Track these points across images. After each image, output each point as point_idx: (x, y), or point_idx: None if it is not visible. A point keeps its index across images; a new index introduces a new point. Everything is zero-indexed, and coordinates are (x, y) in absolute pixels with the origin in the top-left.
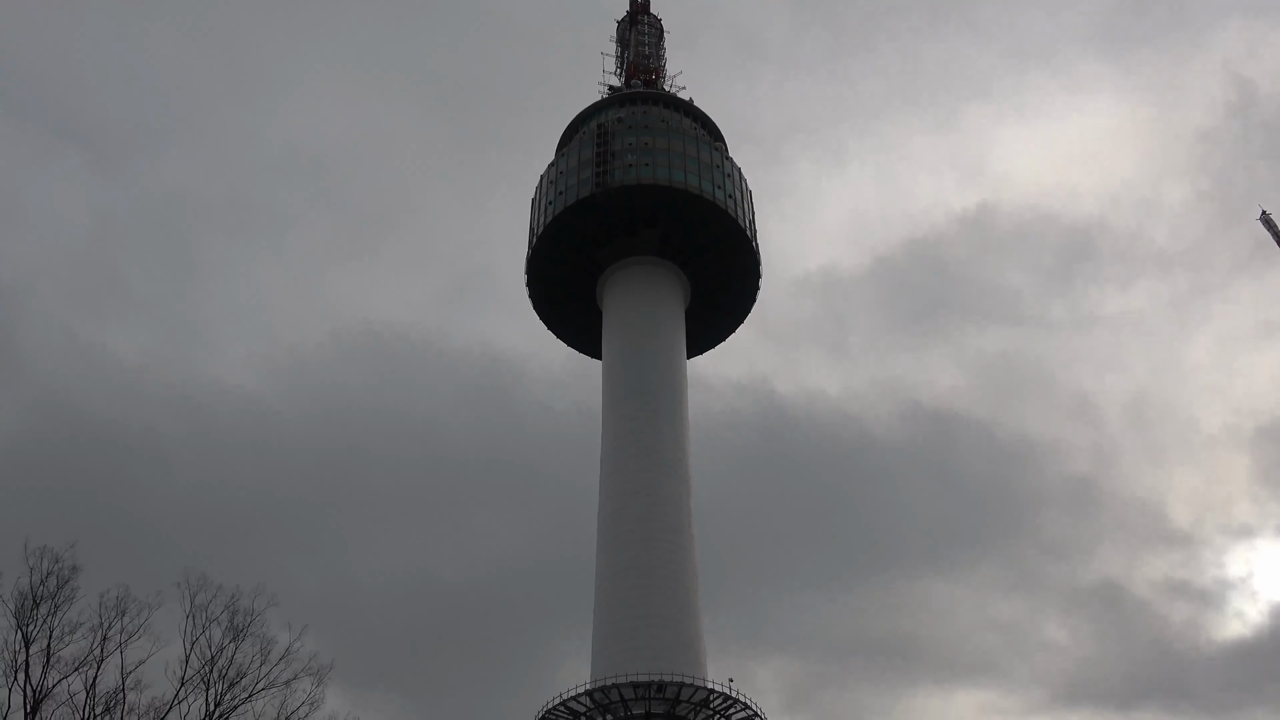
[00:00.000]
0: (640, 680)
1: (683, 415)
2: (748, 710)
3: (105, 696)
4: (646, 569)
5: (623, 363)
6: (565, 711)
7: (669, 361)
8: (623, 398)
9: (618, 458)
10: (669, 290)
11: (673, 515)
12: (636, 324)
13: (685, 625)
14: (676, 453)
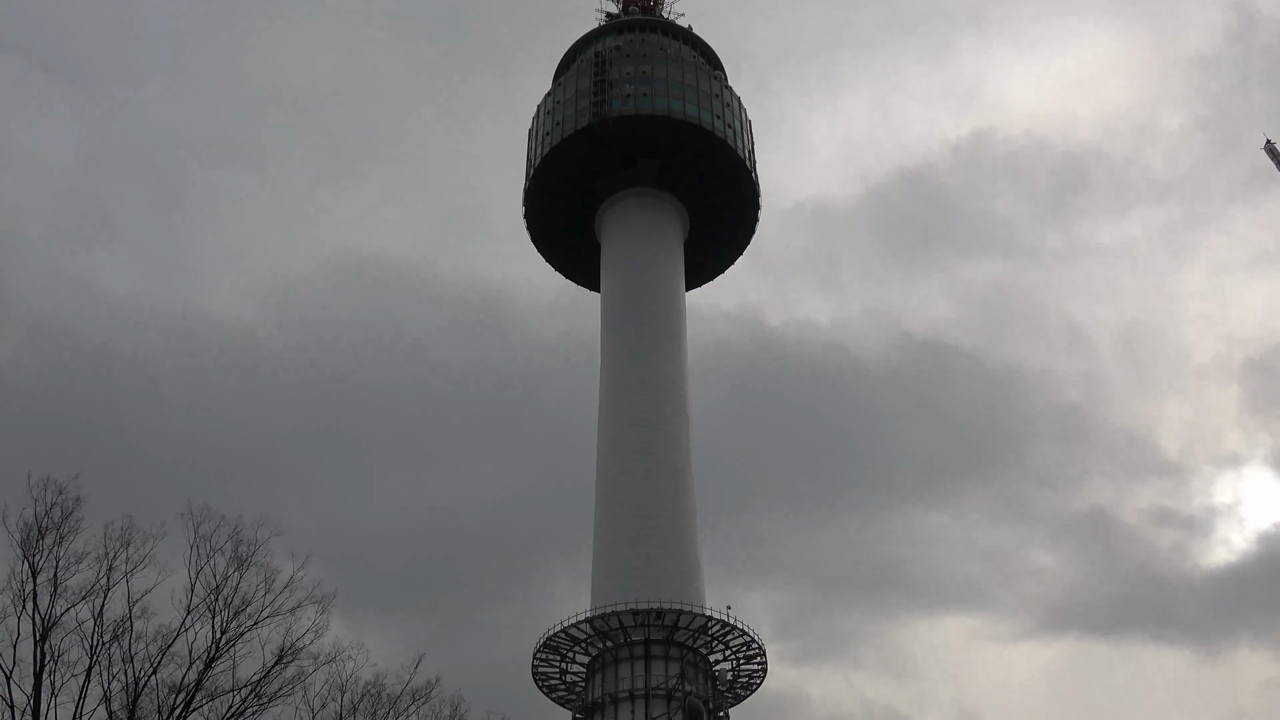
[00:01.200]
0: (640, 608)
1: (681, 347)
2: (745, 636)
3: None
4: (645, 499)
5: (621, 295)
6: (566, 638)
7: (668, 293)
8: (621, 329)
9: (616, 389)
10: (668, 222)
11: (672, 446)
12: (635, 256)
13: (684, 554)
14: (675, 384)
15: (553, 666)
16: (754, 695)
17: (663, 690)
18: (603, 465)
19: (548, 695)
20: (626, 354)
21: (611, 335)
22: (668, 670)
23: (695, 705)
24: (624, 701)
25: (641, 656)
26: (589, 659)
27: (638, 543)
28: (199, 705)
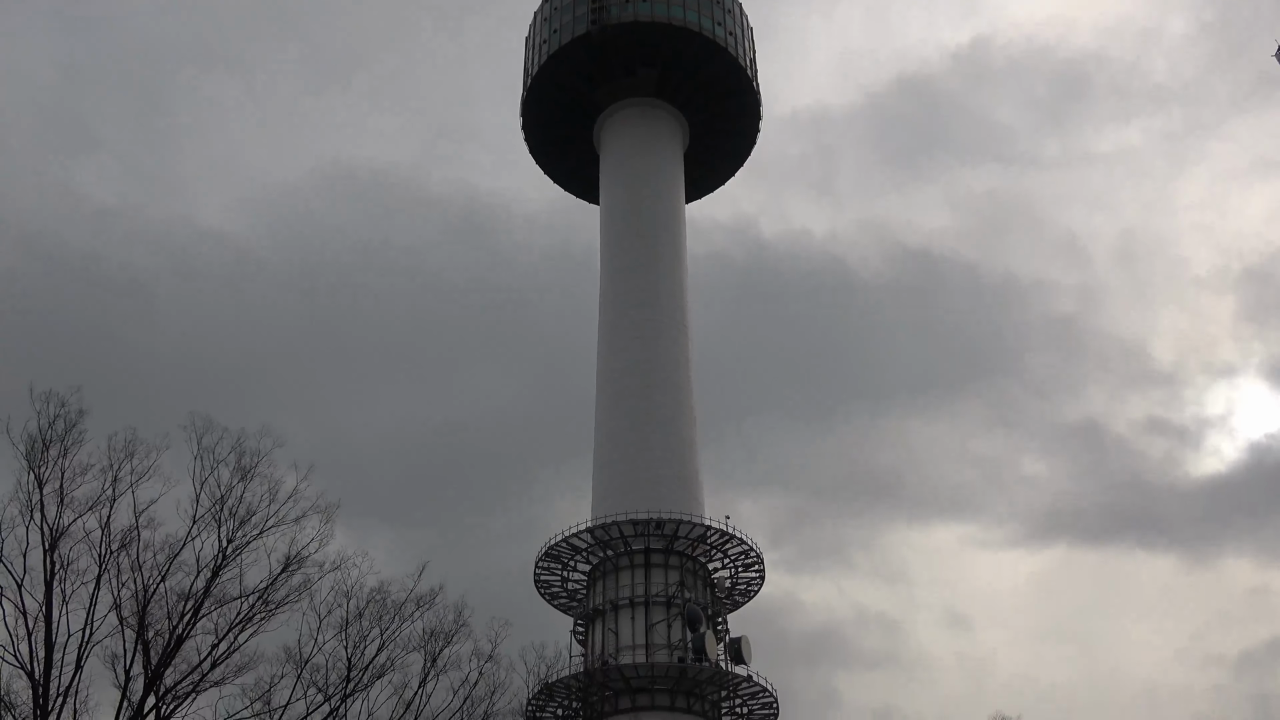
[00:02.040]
0: (639, 518)
1: (681, 259)
2: (743, 545)
3: (120, 534)
4: (645, 411)
5: (621, 206)
6: (567, 547)
7: (668, 206)
8: (621, 241)
9: (615, 301)
10: (668, 133)
11: (671, 358)
12: (635, 167)
13: (683, 465)
14: (674, 297)
15: (554, 575)
16: (750, 602)
17: (662, 597)
18: (602, 377)
19: (550, 603)
20: (626, 266)
21: (611, 247)
22: (667, 578)
23: (694, 612)
24: (624, 608)
25: (641, 565)
26: (590, 568)
27: (637, 454)
28: (208, 612)
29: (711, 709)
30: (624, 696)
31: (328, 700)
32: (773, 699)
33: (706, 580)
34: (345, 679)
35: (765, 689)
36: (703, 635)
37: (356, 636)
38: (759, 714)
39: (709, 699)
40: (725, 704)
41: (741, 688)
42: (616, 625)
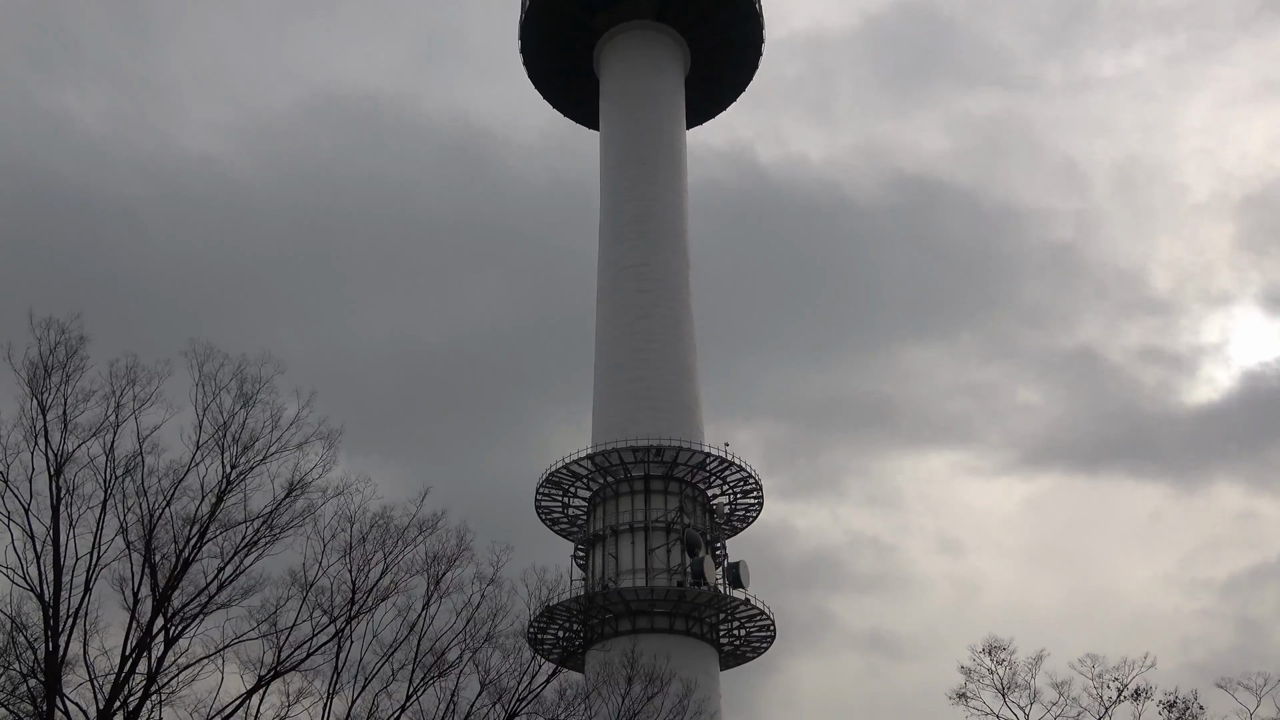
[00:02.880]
0: (640, 445)
1: (681, 186)
2: (742, 472)
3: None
4: (645, 338)
5: (621, 132)
6: (568, 474)
7: (668, 131)
8: (621, 167)
9: (616, 227)
10: (668, 58)
11: (671, 285)
12: (635, 92)
13: (682, 393)
14: (675, 224)
15: (555, 501)
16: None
17: (662, 523)
18: (602, 305)
19: (550, 528)
20: (626, 193)
21: (610, 173)
22: (666, 504)
23: (693, 537)
24: (624, 534)
25: (641, 491)
26: (590, 494)
27: (637, 382)
28: (213, 536)
29: (710, 631)
30: (624, 619)
31: (333, 622)
32: (770, 621)
33: (705, 506)
34: (350, 602)
35: (762, 612)
36: (701, 560)
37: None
38: (756, 636)
39: (707, 622)
40: (723, 626)
41: (739, 610)
42: (617, 550)
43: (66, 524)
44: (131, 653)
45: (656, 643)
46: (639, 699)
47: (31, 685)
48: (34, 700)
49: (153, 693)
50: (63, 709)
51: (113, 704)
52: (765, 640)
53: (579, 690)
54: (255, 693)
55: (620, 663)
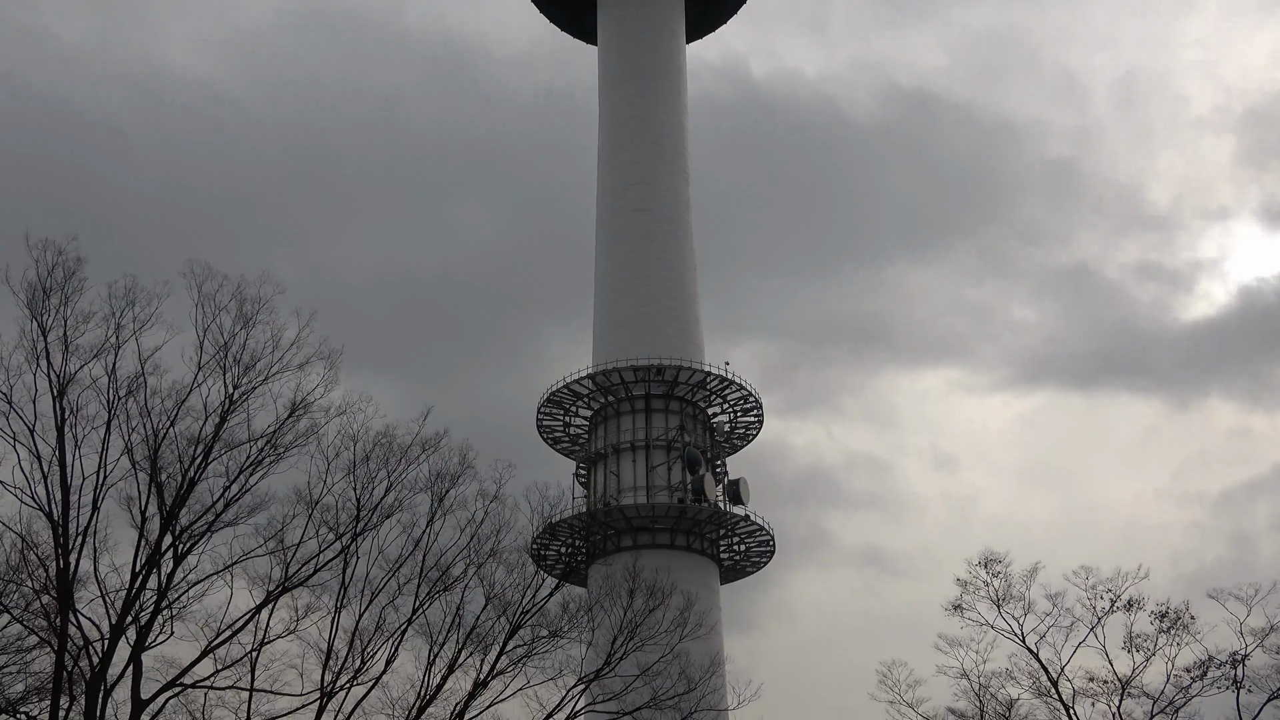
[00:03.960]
0: (640, 364)
1: (682, 102)
2: (743, 390)
3: (127, 380)
4: (646, 256)
5: (621, 46)
6: (569, 393)
7: (668, 46)
8: (621, 83)
9: (616, 144)
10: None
11: (672, 203)
12: (635, 5)
13: (683, 312)
14: (676, 140)
15: (556, 420)
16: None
17: (663, 441)
18: (602, 225)
19: (552, 447)
20: (626, 109)
21: (610, 89)
22: (667, 423)
23: (694, 455)
24: (625, 452)
25: (642, 410)
26: (591, 413)
27: (638, 301)
28: (217, 456)
29: (710, 547)
30: (625, 535)
31: (339, 539)
32: (769, 537)
33: (706, 424)
34: (355, 519)
35: (762, 528)
36: (702, 477)
37: (364, 478)
38: (756, 551)
39: (708, 537)
40: (724, 542)
41: (739, 526)
42: (618, 468)
43: (72, 444)
44: (141, 570)
45: (658, 558)
46: (640, 611)
47: (44, 601)
48: (48, 616)
49: (163, 608)
50: (76, 624)
51: (124, 619)
52: (765, 555)
53: (582, 604)
54: (264, 607)
55: (622, 577)
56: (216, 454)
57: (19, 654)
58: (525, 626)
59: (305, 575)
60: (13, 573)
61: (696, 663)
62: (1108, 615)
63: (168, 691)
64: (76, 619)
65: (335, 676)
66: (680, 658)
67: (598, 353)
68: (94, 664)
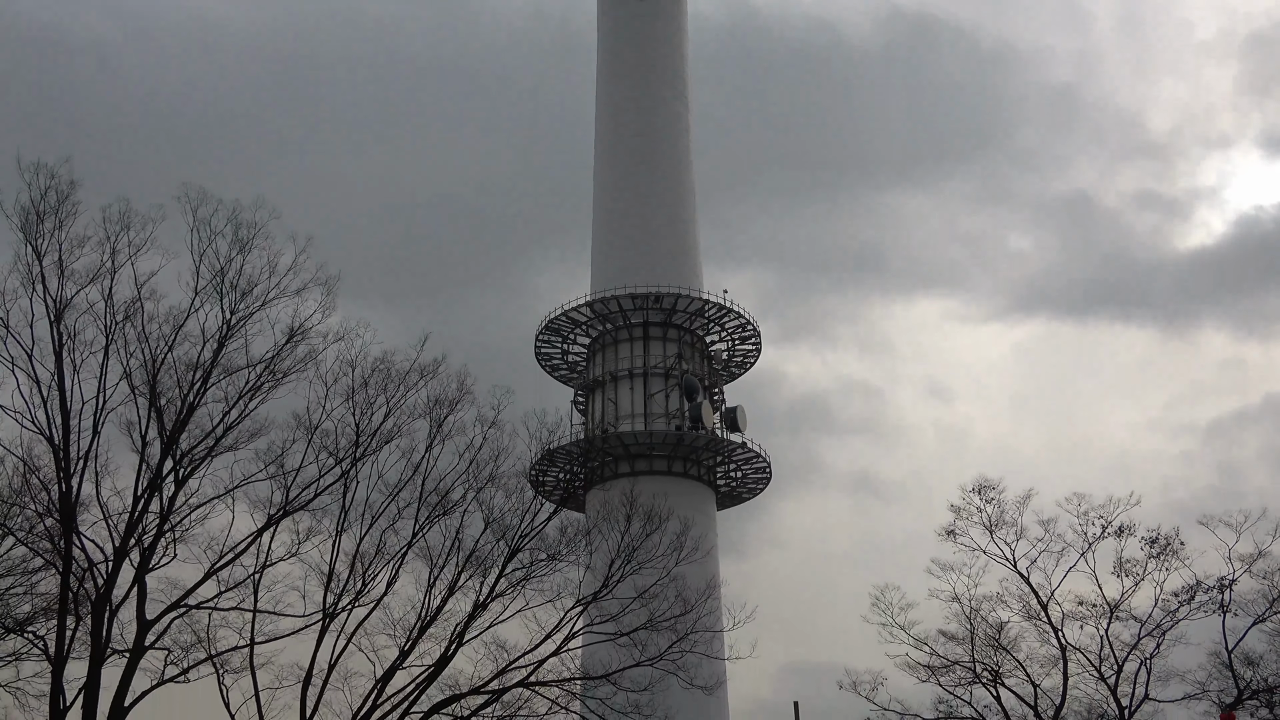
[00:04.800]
0: (638, 292)
1: (682, 24)
2: (741, 319)
3: (123, 306)
4: (644, 183)
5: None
6: (566, 321)
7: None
8: (618, 5)
9: (613, 68)
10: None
11: (671, 129)
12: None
13: (682, 239)
14: (675, 64)
15: (554, 348)
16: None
17: (660, 369)
18: (600, 150)
19: (550, 374)
20: (623, 32)
21: (607, 12)
22: (665, 351)
23: (691, 383)
24: (623, 379)
25: (640, 338)
26: (589, 340)
27: (637, 228)
28: (216, 381)
29: (707, 473)
30: (623, 462)
31: (338, 464)
32: (766, 464)
33: (704, 353)
34: (354, 444)
35: (759, 455)
36: (699, 405)
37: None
38: (752, 478)
39: (705, 464)
40: (720, 469)
41: (736, 454)
42: (616, 395)
43: (70, 369)
44: (143, 493)
45: (655, 484)
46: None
47: (48, 524)
48: (51, 538)
49: (166, 531)
50: (80, 546)
51: (127, 541)
52: (761, 482)
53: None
54: (265, 531)
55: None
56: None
57: (25, 575)
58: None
59: (306, 499)
60: (16, 496)
61: (692, 586)
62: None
63: (172, 612)
64: (80, 541)
65: (337, 598)
66: (676, 581)
67: (596, 280)
68: (98, 585)
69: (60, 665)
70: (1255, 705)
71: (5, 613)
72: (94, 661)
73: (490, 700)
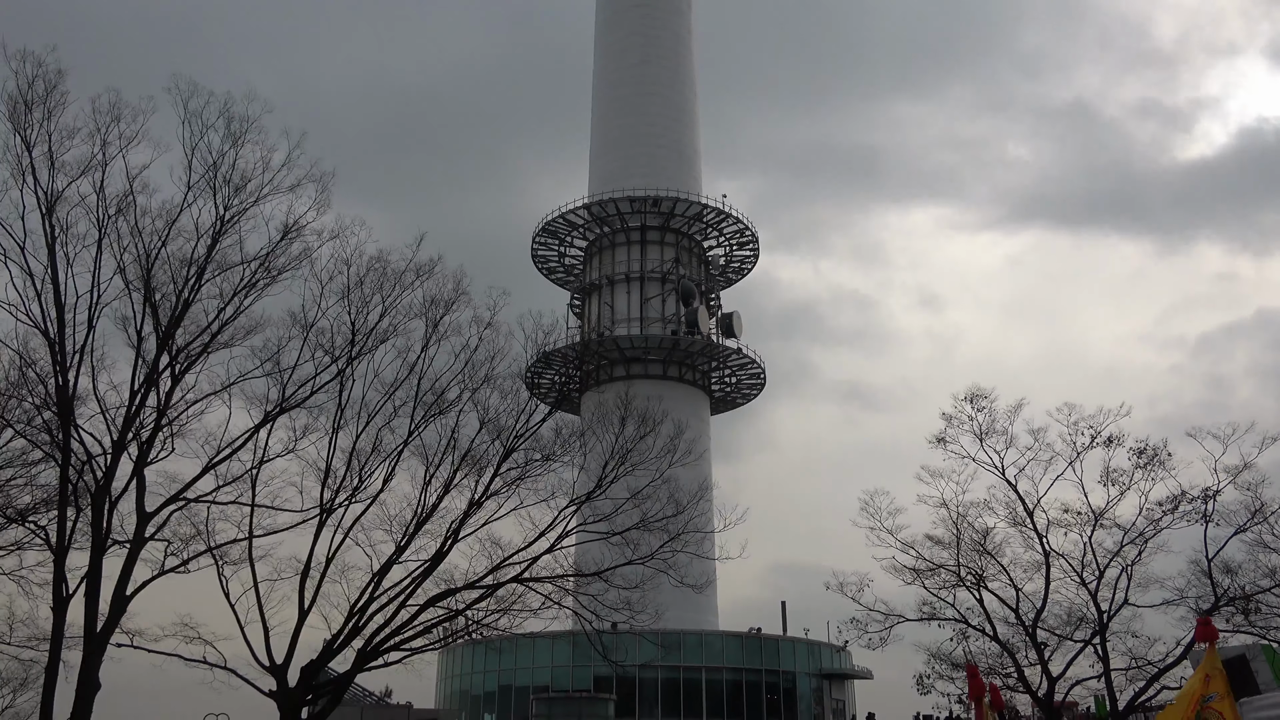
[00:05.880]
0: (637, 195)
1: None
2: (739, 224)
3: (116, 199)
4: (646, 83)
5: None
6: (564, 223)
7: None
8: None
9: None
10: None
11: (673, 27)
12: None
13: (681, 141)
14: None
15: (551, 250)
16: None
17: (657, 273)
18: (600, 48)
19: (547, 277)
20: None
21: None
22: (663, 255)
23: (688, 287)
24: (620, 283)
25: (638, 242)
26: (587, 244)
27: (636, 131)
28: (211, 277)
29: (702, 378)
30: (619, 366)
31: (334, 362)
32: (760, 370)
33: (701, 258)
34: (350, 343)
35: (754, 361)
36: (695, 310)
37: (358, 303)
38: (746, 384)
39: (699, 369)
40: (715, 374)
41: (731, 359)
42: (612, 299)
43: (64, 263)
44: (140, 388)
45: (650, 387)
46: (632, 438)
47: (46, 417)
48: (50, 431)
49: (163, 425)
50: (78, 439)
51: (125, 435)
52: (755, 388)
53: (574, 429)
54: (262, 427)
55: (614, 404)
56: (210, 276)
57: (25, 467)
58: (519, 450)
59: (302, 397)
60: (13, 389)
61: (685, 488)
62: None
63: (171, 505)
64: (78, 434)
65: (334, 494)
66: (669, 483)
67: (594, 182)
68: (97, 478)
69: (62, 555)
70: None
71: (6, 503)
72: (95, 552)
73: (485, 595)
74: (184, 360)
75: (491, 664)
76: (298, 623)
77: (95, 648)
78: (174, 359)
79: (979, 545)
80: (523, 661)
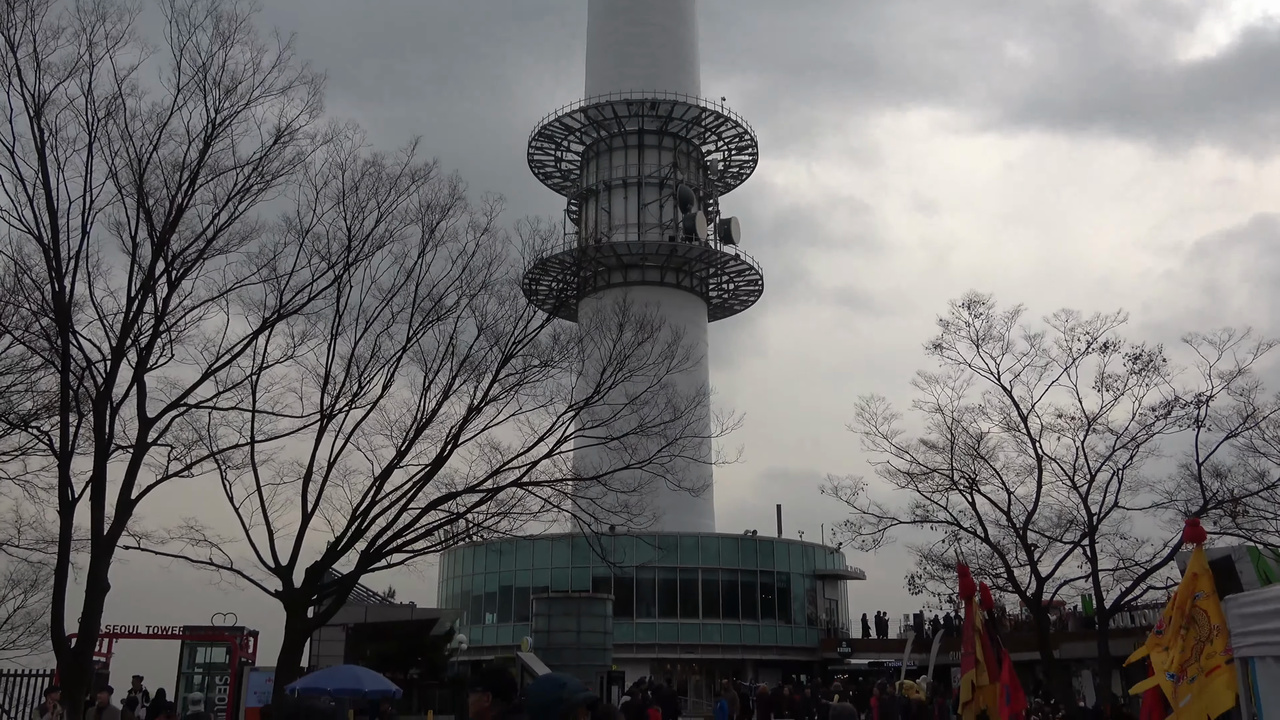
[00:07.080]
0: (634, 98)
1: None
2: (738, 128)
3: (105, 102)
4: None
5: None
6: (560, 127)
7: None
8: None
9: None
10: None
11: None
12: None
13: (679, 42)
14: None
15: (547, 155)
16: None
17: (655, 178)
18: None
19: (543, 183)
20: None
21: None
22: (660, 159)
23: (686, 193)
24: (617, 189)
25: (635, 146)
26: (583, 148)
27: (633, 33)
28: (204, 182)
29: (699, 285)
30: (616, 272)
31: (331, 268)
32: (758, 277)
33: (699, 162)
34: (346, 249)
35: (751, 267)
36: (693, 215)
37: (354, 208)
38: (744, 290)
39: (697, 275)
40: (713, 281)
41: (729, 266)
42: (610, 205)
43: (54, 167)
44: (136, 294)
45: (648, 294)
46: (630, 344)
47: (44, 323)
48: (48, 337)
49: (161, 332)
50: (77, 345)
51: (124, 341)
52: (752, 295)
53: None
54: (261, 334)
55: (612, 311)
56: (203, 180)
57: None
58: (517, 356)
59: (300, 303)
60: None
61: (682, 393)
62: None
63: (172, 411)
64: (77, 341)
65: (334, 400)
66: (667, 388)
67: (590, 85)
68: (98, 384)
69: (66, 460)
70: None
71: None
72: (99, 456)
73: (485, 498)
74: (180, 266)
75: (492, 565)
76: (301, 525)
77: (102, 550)
78: (170, 265)
79: (973, 450)
80: (522, 563)
